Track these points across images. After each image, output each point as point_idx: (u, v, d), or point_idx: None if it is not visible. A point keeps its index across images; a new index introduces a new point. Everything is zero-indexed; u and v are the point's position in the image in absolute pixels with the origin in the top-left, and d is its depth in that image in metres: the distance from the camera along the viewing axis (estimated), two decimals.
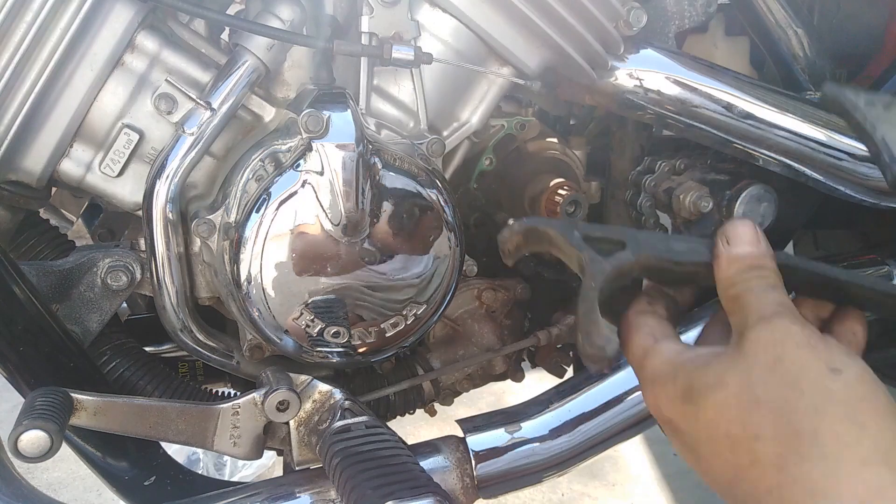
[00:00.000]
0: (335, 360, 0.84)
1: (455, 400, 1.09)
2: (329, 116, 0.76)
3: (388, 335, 0.83)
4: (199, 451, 1.86)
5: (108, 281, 0.83)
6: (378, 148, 0.79)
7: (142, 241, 0.83)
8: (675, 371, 0.56)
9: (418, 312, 0.84)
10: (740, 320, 0.55)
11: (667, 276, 0.62)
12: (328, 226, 0.77)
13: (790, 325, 0.53)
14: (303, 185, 0.76)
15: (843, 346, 0.53)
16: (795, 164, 0.98)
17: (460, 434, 0.91)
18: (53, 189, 0.94)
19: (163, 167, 0.78)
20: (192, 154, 0.78)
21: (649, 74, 0.93)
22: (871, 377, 0.51)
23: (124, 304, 1.06)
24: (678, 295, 0.65)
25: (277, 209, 0.76)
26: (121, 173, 0.81)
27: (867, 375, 0.51)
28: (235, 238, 0.77)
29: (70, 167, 0.81)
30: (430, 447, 0.89)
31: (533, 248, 0.62)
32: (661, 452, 2.24)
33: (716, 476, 0.54)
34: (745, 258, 0.57)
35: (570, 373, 1.13)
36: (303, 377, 0.82)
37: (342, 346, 0.82)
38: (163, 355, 1.03)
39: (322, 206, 0.76)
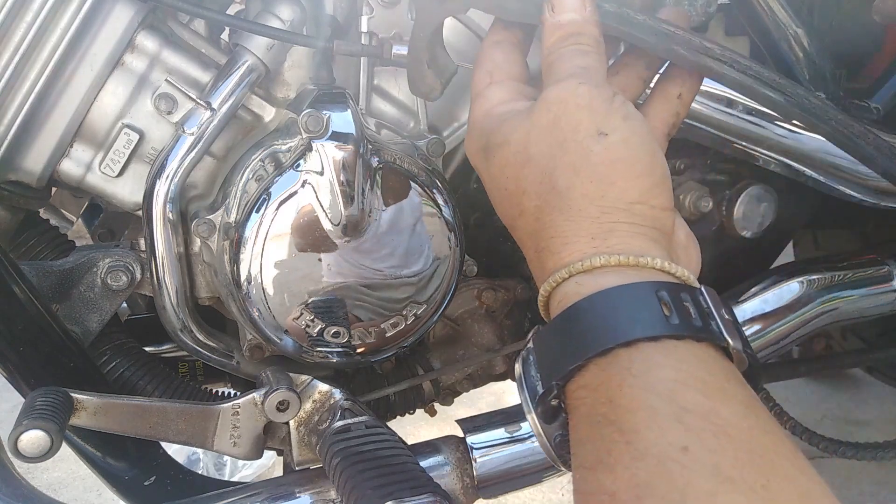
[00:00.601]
0: (335, 360, 0.84)
1: (455, 400, 1.09)
2: (329, 116, 0.76)
3: (388, 335, 0.83)
4: (199, 451, 1.86)
5: (108, 281, 0.83)
6: (378, 148, 0.79)
7: (142, 241, 0.83)
8: (481, 124, 0.60)
9: (418, 312, 0.84)
10: (544, 86, 0.58)
11: None
12: (328, 226, 0.77)
13: (577, 86, 0.54)
14: (303, 185, 0.76)
15: (627, 109, 0.54)
16: (795, 164, 0.98)
17: (460, 434, 0.91)
18: (53, 189, 0.94)
19: (163, 167, 0.78)
20: (192, 154, 0.78)
21: None
22: (639, 140, 0.54)
23: (124, 304, 1.06)
24: None
25: (277, 209, 0.76)
26: (121, 173, 0.81)
27: (634, 138, 0.53)
28: (235, 238, 0.77)
29: (70, 167, 0.81)
30: (430, 447, 0.89)
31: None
32: None
33: (503, 220, 0.59)
34: (565, 26, 0.59)
35: None
36: (303, 377, 0.82)
37: (342, 346, 0.82)
38: (163, 355, 1.03)
39: (322, 206, 0.76)
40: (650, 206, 0.53)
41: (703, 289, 0.50)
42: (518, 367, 0.54)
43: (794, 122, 0.97)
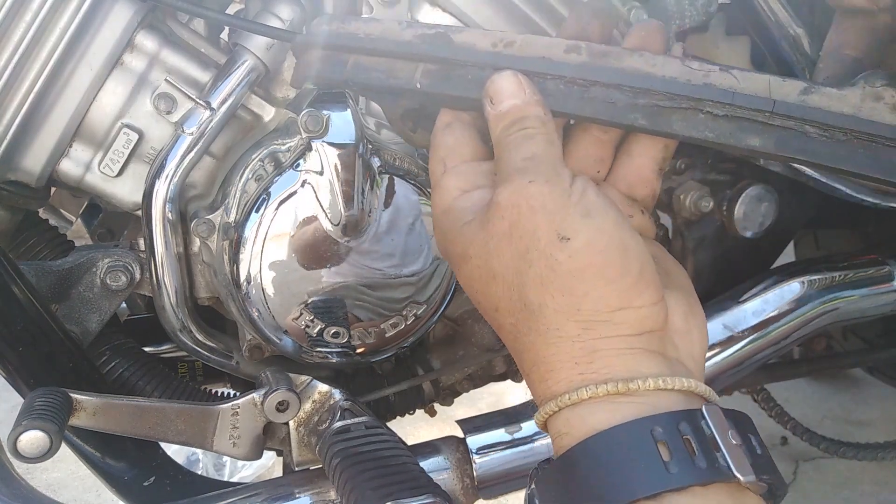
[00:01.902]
0: (335, 360, 0.84)
1: (455, 400, 1.09)
2: (329, 116, 0.76)
3: (387, 335, 0.83)
4: (199, 451, 1.85)
5: (108, 281, 0.82)
6: (378, 148, 0.79)
7: (141, 241, 0.83)
8: (442, 225, 0.57)
9: (418, 312, 0.83)
10: (497, 181, 0.55)
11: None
12: (328, 226, 0.77)
13: (528, 186, 0.51)
14: (302, 185, 0.76)
15: (586, 204, 0.50)
16: (795, 164, 0.98)
17: (460, 434, 0.91)
18: (53, 189, 0.94)
19: (162, 167, 0.78)
20: (192, 154, 0.78)
21: None
22: (606, 239, 0.49)
23: (124, 304, 1.06)
24: None
25: (277, 209, 0.76)
26: (120, 173, 0.81)
27: (600, 238, 0.49)
28: (235, 238, 0.77)
29: (69, 167, 0.80)
30: (430, 447, 0.89)
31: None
32: None
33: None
34: (507, 113, 0.56)
35: None
36: (302, 377, 0.81)
37: (342, 347, 0.82)
38: (162, 355, 1.02)
39: (322, 206, 0.76)
40: (635, 307, 0.49)
41: (704, 410, 0.46)
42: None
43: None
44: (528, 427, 0.92)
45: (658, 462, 0.43)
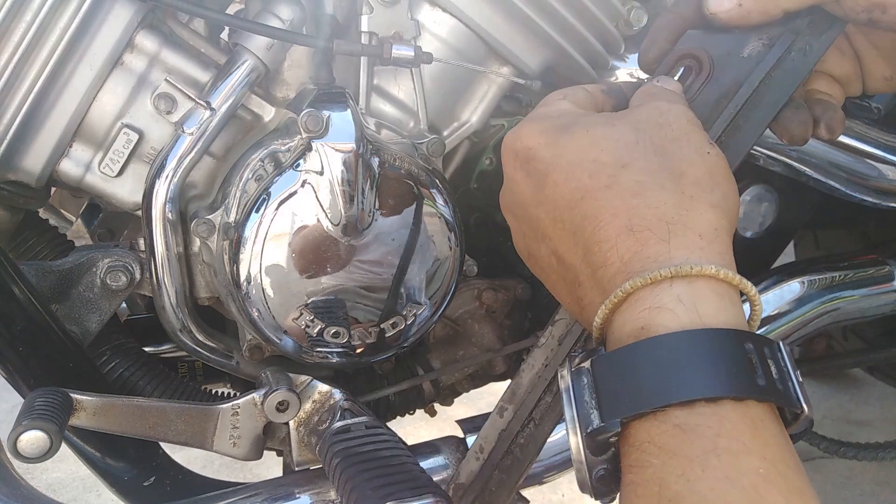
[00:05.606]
0: (335, 360, 0.84)
1: (455, 400, 1.09)
2: (329, 116, 0.76)
3: (387, 335, 0.83)
4: None
5: (108, 281, 0.82)
6: (378, 148, 0.79)
7: (141, 241, 0.83)
8: (562, 111, 0.59)
9: (418, 312, 0.83)
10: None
11: None
12: (328, 226, 0.77)
13: (685, 109, 0.56)
14: (302, 185, 0.76)
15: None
16: (796, 164, 0.98)
17: (460, 434, 0.91)
18: (53, 189, 0.94)
19: (162, 167, 0.78)
20: (192, 154, 0.78)
21: None
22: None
23: (124, 305, 1.06)
24: None
25: (277, 209, 0.76)
26: (120, 173, 0.81)
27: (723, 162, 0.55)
28: (235, 238, 0.77)
29: (69, 167, 0.80)
30: (430, 447, 0.89)
31: None
32: None
33: (557, 200, 0.54)
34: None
35: None
36: (302, 377, 0.81)
37: (342, 347, 0.82)
38: (162, 355, 1.02)
39: (322, 206, 0.76)
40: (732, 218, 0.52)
41: (780, 345, 0.47)
42: (567, 379, 0.50)
43: None
44: None
45: (748, 371, 0.44)
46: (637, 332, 0.47)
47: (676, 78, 0.64)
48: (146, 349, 0.93)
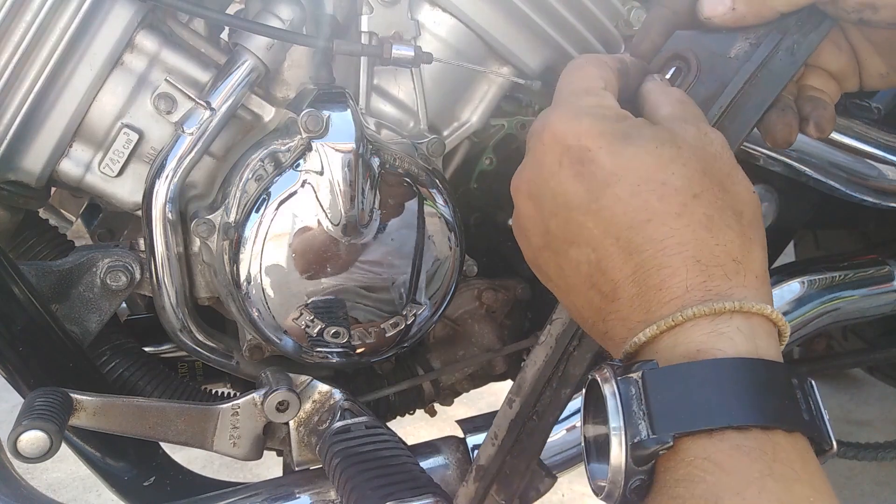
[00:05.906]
0: (335, 360, 0.84)
1: (455, 400, 1.09)
2: (329, 116, 0.76)
3: (387, 335, 0.83)
4: None
5: (108, 281, 0.82)
6: (378, 148, 0.79)
7: (141, 241, 0.83)
8: (617, 112, 0.56)
9: (418, 312, 0.83)
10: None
11: None
12: (328, 226, 0.77)
13: (722, 136, 0.56)
14: (302, 185, 0.76)
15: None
16: (796, 164, 0.98)
17: (460, 434, 0.91)
18: (53, 189, 0.94)
19: (162, 167, 0.78)
20: (192, 154, 0.78)
21: None
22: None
23: (124, 304, 1.06)
24: None
25: (277, 209, 0.76)
26: (120, 173, 0.81)
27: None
28: (235, 238, 0.77)
29: (69, 167, 0.80)
30: (430, 447, 0.89)
31: None
32: None
33: (617, 216, 0.52)
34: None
35: None
36: (302, 377, 0.81)
37: (342, 347, 0.82)
38: (162, 355, 1.02)
39: (322, 206, 0.76)
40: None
41: (813, 383, 0.50)
42: (612, 385, 0.49)
43: None
44: None
45: (797, 405, 0.47)
46: (692, 353, 0.48)
47: (668, 77, 0.64)
48: (146, 349, 0.93)
